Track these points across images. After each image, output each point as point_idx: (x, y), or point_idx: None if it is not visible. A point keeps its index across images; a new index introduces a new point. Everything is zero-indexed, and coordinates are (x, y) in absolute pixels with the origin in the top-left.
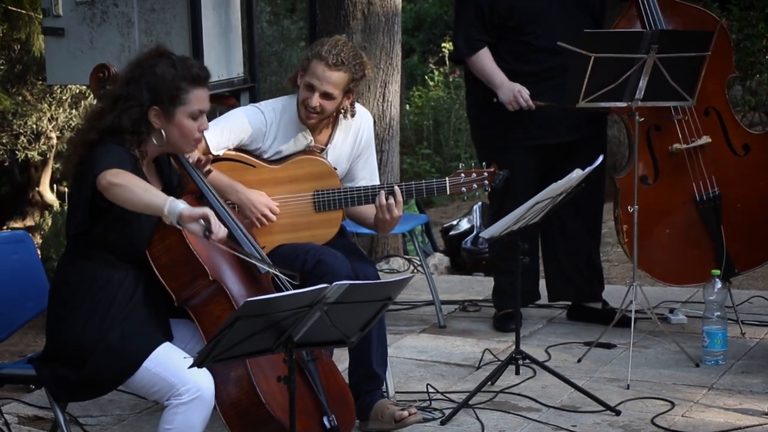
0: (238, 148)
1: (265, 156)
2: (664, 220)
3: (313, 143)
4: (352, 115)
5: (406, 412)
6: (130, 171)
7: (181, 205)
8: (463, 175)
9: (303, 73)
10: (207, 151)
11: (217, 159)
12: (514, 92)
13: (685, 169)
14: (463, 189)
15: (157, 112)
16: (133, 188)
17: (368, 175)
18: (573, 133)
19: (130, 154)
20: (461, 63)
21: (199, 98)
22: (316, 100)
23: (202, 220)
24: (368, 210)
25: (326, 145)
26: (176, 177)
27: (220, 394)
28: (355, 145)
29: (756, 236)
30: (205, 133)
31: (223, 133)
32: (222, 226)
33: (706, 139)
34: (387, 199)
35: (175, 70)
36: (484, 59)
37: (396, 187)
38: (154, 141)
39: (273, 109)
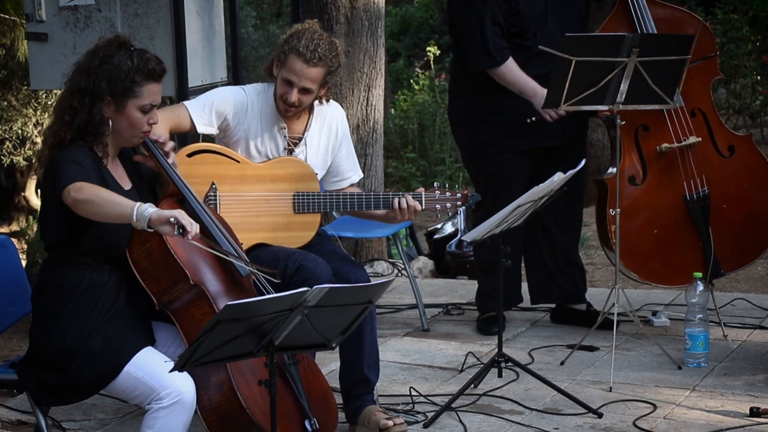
0: (223, 131)
1: (242, 138)
2: (652, 220)
3: (287, 131)
4: (327, 100)
5: (391, 422)
6: (91, 172)
7: (149, 210)
8: (438, 192)
9: (279, 65)
10: (193, 128)
11: (202, 151)
12: None
13: (674, 169)
14: (437, 206)
15: (109, 101)
16: (98, 201)
17: (352, 167)
18: (565, 136)
19: (93, 153)
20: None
21: (151, 92)
22: (294, 96)
23: (173, 219)
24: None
25: (303, 133)
26: (146, 173)
27: (201, 399)
28: (331, 136)
29: (741, 237)
30: (190, 111)
31: (205, 108)
32: (194, 222)
33: (695, 139)
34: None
35: (132, 63)
36: (514, 68)
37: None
38: (104, 131)
39: (255, 91)
